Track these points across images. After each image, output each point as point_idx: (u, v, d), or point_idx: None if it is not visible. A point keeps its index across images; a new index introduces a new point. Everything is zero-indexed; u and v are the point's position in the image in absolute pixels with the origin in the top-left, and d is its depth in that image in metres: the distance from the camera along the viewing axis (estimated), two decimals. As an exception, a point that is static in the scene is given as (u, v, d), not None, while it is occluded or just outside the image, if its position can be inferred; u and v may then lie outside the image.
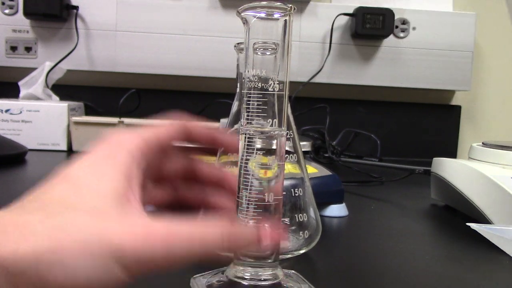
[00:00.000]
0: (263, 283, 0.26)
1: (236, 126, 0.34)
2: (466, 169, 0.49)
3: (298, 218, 0.33)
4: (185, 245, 0.21)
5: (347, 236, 0.42)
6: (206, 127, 0.29)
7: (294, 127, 0.34)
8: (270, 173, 0.27)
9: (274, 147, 0.27)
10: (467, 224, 0.40)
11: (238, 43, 0.33)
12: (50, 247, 0.19)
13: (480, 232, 0.39)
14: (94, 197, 0.22)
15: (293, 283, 0.28)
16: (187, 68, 0.97)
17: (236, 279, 0.26)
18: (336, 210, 0.47)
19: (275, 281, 0.26)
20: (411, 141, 1.06)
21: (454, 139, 1.08)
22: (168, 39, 0.97)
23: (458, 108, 1.08)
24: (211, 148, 0.31)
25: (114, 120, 0.85)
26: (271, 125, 0.26)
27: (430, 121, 1.07)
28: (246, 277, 0.26)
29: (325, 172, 0.49)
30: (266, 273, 0.26)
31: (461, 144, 1.09)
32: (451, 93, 1.09)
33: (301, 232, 0.33)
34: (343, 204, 0.48)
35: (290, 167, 0.34)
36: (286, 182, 0.33)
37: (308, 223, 0.34)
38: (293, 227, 0.33)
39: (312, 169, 0.49)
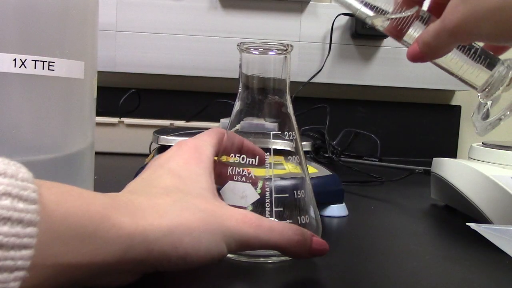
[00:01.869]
0: None
1: (237, 127, 0.34)
2: (466, 169, 0.49)
3: (300, 220, 0.33)
4: (268, 233, 0.28)
5: (347, 236, 0.42)
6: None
7: (296, 128, 0.35)
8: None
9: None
10: (467, 224, 0.40)
11: (241, 43, 0.33)
12: (181, 223, 0.25)
13: (480, 232, 0.39)
14: (197, 188, 0.29)
15: None
16: (187, 68, 0.97)
17: None
18: (336, 210, 0.47)
19: None
20: (411, 141, 1.06)
21: (454, 139, 1.08)
22: (168, 39, 0.97)
23: (458, 108, 1.08)
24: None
25: (114, 120, 0.85)
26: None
27: (430, 121, 1.07)
28: None
29: (325, 172, 0.49)
30: None
31: (461, 144, 1.09)
32: (451, 93, 1.09)
33: None
34: (343, 204, 0.48)
35: (291, 167, 0.34)
36: (289, 183, 0.33)
37: (310, 224, 0.34)
38: None
39: (312, 169, 0.49)
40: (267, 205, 0.32)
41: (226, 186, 0.33)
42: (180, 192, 0.27)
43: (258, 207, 0.32)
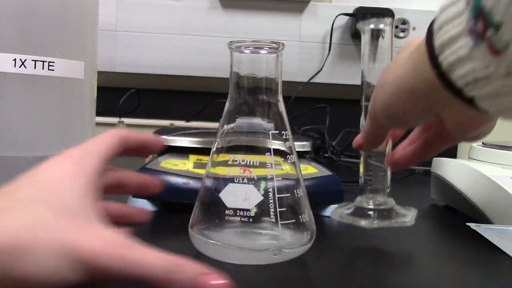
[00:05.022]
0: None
1: (232, 126, 0.34)
2: (466, 169, 0.49)
3: (302, 218, 0.33)
4: (131, 265, 0.23)
5: (346, 236, 0.42)
6: (137, 136, 0.32)
7: (289, 128, 0.34)
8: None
9: None
10: (467, 224, 0.40)
11: (231, 42, 0.33)
12: (22, 242, 0.21)
13: (480, 232, 0.39)
14: (62, 202, 0.24)
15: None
16: (187, 68, 0.97)
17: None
18: (336, 210, 0.47)
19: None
20: (411, 141, 1.06)
21: (454, 139, 1.07)
22: (168, 39, 0.97)
23: (458, 108, 1.08)
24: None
25: (114, 120, 0.85)
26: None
27: (430, 121, 1.06)
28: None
29: (325, 172, 0.49)
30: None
31: (461, 144, 1.09)
32: (451, 93, 1.09)
33: (305, 233, 0.33)
34: (343, 204, 0.48)
35: (288, 168, 0.34)
36: (290, 183, 0.33)
37: (308, 222, 0.34)
38: (298, 227, 0.33)
39: (312, 169, 0.49)
40: (271, 205, 0.32)
41: (226, 189, 0.32)
42: (37, 206, 0.23)
43: (262, 208, 0.32)
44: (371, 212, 0.40)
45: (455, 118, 0.26)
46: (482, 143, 0.53)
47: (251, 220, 0.32)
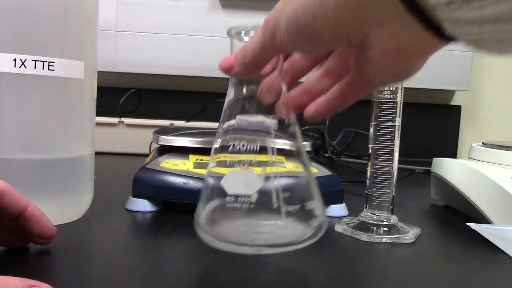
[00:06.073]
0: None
1: (232, 122, 0.33)
2: (466, 169, 0.49)
3: (307, 205, 0.32)
4: None
5: (346, 236, 0.42)
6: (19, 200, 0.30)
7: (296, 122, 0.33)
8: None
9: None
10: (467, 224, 0.40)
11: (231, 28, 0.32)
12: None
13: (480, 232, 0.39)
14: None
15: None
16: (187, 68, 0.97)
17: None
18: (336, 210, 0.47)
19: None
20: (411, 141, 1.06)
21: (454, 139, 1.07)
22: (168, 39, 0.97)
23: (458, 108, 1.08)
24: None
25: (114, 120, 0.85)
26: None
27: (430, 121, 1.06)
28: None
29: (325, 172, 0.49)
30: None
31: (461, 144, 1.09)
32: (451, 93, 1.09)
33: (312, 220, 0.32)
34: (343, 204, 0.48)
35: (291, 166, 0.33)
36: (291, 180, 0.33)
37: (318, 212, 0.33)
38: (304, 215, 0.32)
39: (312, 169, 0.49)
40: (274, 192, 0.31)
41: (227, 177, 0.30)
42: None
43: (265, 195, 0.30)
44: (373, 227, 0.41)
45: (387, 43, 0.21)
46: (482, 143, 0.53)
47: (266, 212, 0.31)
